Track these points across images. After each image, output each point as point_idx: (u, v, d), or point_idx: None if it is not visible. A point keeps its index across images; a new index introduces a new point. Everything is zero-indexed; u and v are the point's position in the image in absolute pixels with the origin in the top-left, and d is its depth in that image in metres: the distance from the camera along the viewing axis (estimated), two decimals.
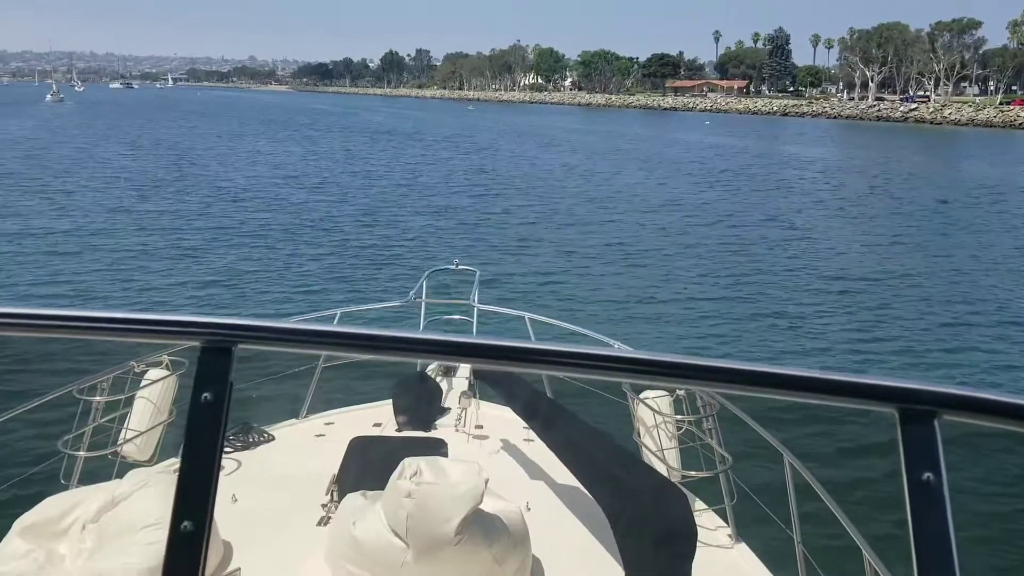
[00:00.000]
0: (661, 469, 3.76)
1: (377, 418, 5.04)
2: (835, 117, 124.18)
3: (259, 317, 1.43)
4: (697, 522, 2.84)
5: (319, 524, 3.57)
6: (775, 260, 20.75)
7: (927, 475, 1.06)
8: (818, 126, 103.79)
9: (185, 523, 1.17)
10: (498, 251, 21.13)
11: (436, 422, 4.97)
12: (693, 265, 19.96)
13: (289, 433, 4.92)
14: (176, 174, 36.94)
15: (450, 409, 5.13)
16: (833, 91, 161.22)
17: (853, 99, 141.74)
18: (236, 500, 3.58)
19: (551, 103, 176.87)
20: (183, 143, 56.11)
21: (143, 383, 4.21)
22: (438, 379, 5.39)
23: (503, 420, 4.80)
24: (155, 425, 4.21)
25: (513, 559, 2.94)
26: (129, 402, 4.16)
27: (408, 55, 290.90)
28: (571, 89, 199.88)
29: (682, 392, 3.98)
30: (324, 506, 3.70)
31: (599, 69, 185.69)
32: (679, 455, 4.06)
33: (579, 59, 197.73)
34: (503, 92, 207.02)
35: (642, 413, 4.09)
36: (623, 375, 1.26)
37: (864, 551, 2.95)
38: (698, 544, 2.71)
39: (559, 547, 3.37)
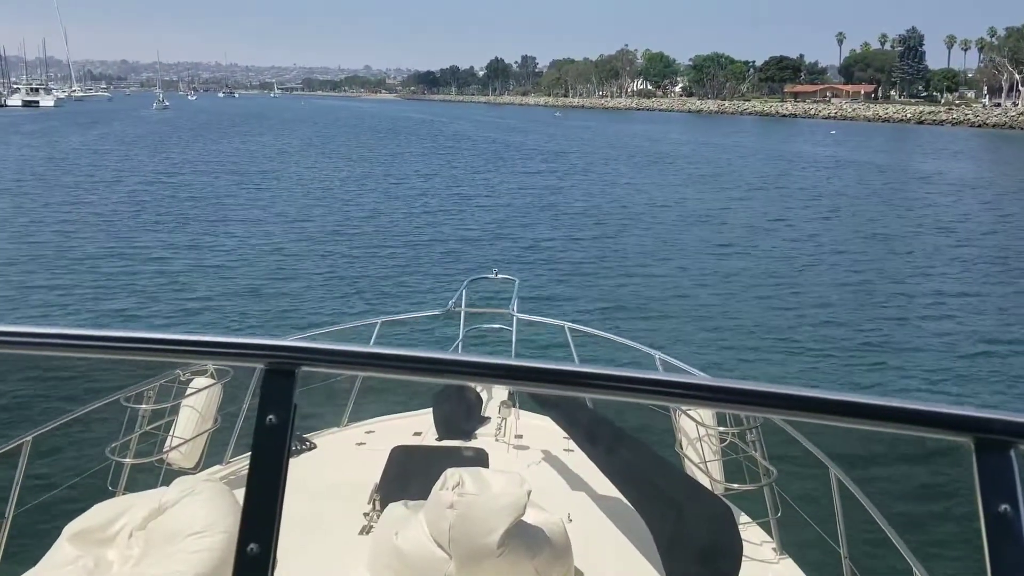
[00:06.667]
0: (704, 481, 3.68)
1: (417, 427, 5.04)
2: (979, 126, 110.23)
3: (321, 340, 1.44)
4: (741, 535, 2.93)
5: (361, 533, 3.61)
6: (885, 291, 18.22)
7: (1004, 507, 1.03)
8: (959, 136, 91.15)
9: (252, 545, 1.17)
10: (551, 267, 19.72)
11: (476, 432, 4.95)
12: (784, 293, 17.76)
13: (331, 441, 4.94)
14: (216, 185, 35.44)
15: (490, 419, 5.12)
16: (971, 96, 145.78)
17: (998, 105, 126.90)
18: None
19: (659, 110, 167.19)
20: (238, 156, 52.62)
21: (188, 392, 4.25)
22: (478, 388, 5.24)
23: (543, 430, 4.81)
24: (200, 433, 4.27)
25: (555, 571, 2.94)
26: (175, 410, 4.22)
27: (515, 62, 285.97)
28: (681, 95, 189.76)
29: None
30: (366, 515, 3.74)
31: (711, 73, 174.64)
32: (722, 467, 3.98)
33: (691, 63, 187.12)
34: (609, 98, 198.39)
35: (684, 424, 4.04)
36: (678, 400, 1.24)
37: (914, 567, 2.93)
38: (742, 558, 2.80)
39: (601, 559, 3.39)
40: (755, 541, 3.78)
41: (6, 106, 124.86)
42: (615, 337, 5.91)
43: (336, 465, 4.60)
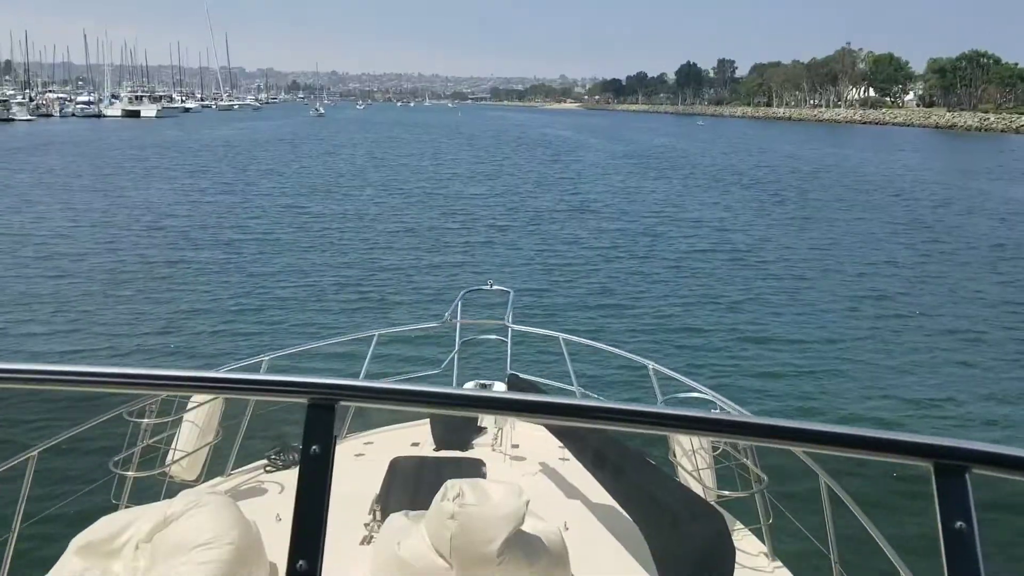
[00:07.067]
0: (697, 489, 3.79)
1: (415, 437, 5.11)
2: None
3: (358, 377, 1.77)
4: (734, 542, 3.06)
5: (363, 543, 3.65)
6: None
7: (960, 524, 1.13)
8: None
9: (300, 562, 1.29)
10: None
11: (473, 442, 5.00)
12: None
13: None
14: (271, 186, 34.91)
15: (486, 429, 5.15)
16: None
17: None
18: (280, 519, 3.61)
19: (892, 124, 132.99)
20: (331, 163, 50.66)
21: (190, 405, 4.32)
22: None
23: (538, 439, 4.87)
24: (202, 446, 4.35)
25: None
26: (177, 423, 4.29)
27: (711, 68, 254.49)
28: (917, 105, 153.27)
29: (716, 411, 3.95)
30: (367, 525, 3.79)
31: (966, 77, 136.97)
32: (714, 475, 4.07)
33: (933, 66, 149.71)
34: (824, 108, 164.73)
35: (677, 433, 4.17)
36: (663, 429, 1.39)
37: (901, 572, 2.99)
38: (735, 564, 2.92)
39: (597, 566, 3.47)
40: (747, 548, 3.81)
41: (104, 116, 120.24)
42: (607, 347, 6.22)
43: (336, 476, 4.00)
